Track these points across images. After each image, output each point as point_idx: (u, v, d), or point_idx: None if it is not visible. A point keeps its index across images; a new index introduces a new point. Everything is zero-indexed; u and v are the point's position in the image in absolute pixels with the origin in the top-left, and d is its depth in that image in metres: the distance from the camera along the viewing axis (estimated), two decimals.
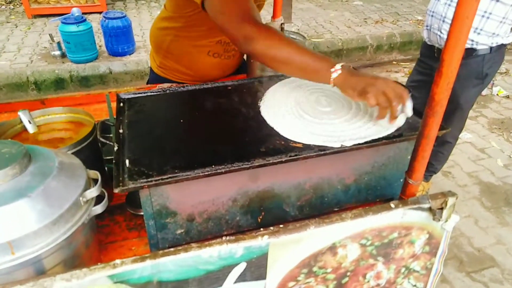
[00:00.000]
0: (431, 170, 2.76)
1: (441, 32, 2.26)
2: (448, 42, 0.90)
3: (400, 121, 1.16)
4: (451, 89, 0.95)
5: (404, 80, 4.12)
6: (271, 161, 1.03)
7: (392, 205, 1.01)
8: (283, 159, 1.04)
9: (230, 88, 1.45)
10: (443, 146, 2.61)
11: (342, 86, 1.13)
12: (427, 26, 2.36)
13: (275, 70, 1.24)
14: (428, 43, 2.42)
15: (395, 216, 1.02)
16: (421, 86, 2.49)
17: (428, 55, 2.49)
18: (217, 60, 1.66)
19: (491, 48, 2.22)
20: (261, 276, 0.97)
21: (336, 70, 1.11)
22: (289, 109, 1.25)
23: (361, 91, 1.10)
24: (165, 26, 1.62)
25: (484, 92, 4.43)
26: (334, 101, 1.31)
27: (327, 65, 1.13)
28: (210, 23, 1.31)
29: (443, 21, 2.22)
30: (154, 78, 1.77)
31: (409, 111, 1.13)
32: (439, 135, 1.08)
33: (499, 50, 2.26)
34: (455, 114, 2.40)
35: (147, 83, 1.87)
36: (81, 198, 0.90)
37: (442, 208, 1.04)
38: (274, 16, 2.10)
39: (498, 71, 4.87)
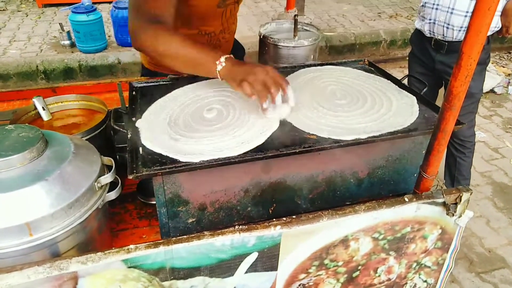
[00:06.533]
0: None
1: (448, 24, 2.25)
2: (468, 34, 0.88)
3: (284, 112, 1.14)
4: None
5: None
6: (284, 152, 1.03)
7: (406, 199, 1.00)
8: (297, 150, 1.03)
9: None
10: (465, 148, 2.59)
11: (226, 78, 1.12)
12: (430, 19, 2.34)
13: (168, 66, 1.22)
14: (428, 35, 2.40)
15: (408, 210, 1.01)
16: (424, 77, 2.49)
17: (423, 46, 2.49)
18: None
19: (488, 37, 2.32)
20: (273, 267, 0.97)
21: (220, 63, 1.11)
22: (304, 101, 1.24)
23: (241, 80, 1.08)
24: None
25: (499, 91, 4.37)
26: (349, 93, 1.29)
27: (212, 58, 1.12)
28: (182, 14, 1.33)
29: (451, 13, 2.22)
30: (147, 73, 1.76)
31: (291, 101, 1.13)
32: (455, 130, 1.06)
33: (491, 37, 2.40)
34: (469, 104, 2.40)
35: None
36: (95, 184, 0.91)
37: (456, 203, 1.03)
38: (287, 7, 2.09)
39: None
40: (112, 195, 0.98)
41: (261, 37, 1.81)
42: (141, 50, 1.26)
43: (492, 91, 4.38)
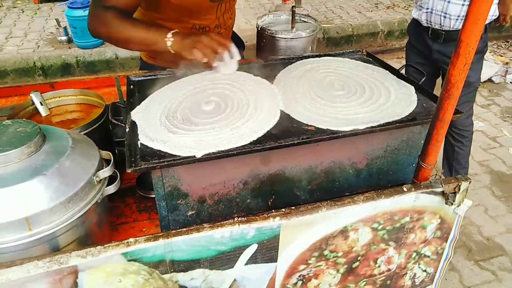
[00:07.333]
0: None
1: (445, 13, 2.24)
2: (466, 22, 0.88)
3: (233, 67, 1.33)
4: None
5: None
6: (283, 144, 1.03)
7: (405, 189, 1.00)
8: (295, 142, 1.03)
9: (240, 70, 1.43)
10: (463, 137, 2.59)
11: (178, 50, 1.24)
12: (427, 9, 2.33)
13: (126, 49, 1.35)
14: (425, 24, 2.39)
15: (407, 200, 1.01)
16: (421, 66, 2.48)
17: (420, 35, 2.48)
18: None
19: (485, 26, 2.31)
20: (272, 258, 0.98)
21: (169, 39, 1.23)
22: (302, 92, 1.24)
23: (191, 48, 1.21)
24: (141, 12, 1.61)
25: (497, 80, 4.36)
26: (347, 84, 1.29)
27: (161, 37, 1.24)
28: (174, 8, 1.40)
29: (449, 2, 2.22)
30: (145, 67, 1.76)
31: (236, 55, 1.30)
32: (453, 119, 1.06)
33: (488, 26, 2.38)
34: (466, 94, 2.40)
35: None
36: (94, 178, 0.91)
37: (455, 193, 1.03)
38: None
39: None
40: (111, 189, 0.98)
41: (259, 29, 1.80)
42: (97, 37, 1.34)
43: (490, 80, 4.37)
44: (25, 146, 0.84)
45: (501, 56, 4.99)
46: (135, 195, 1.30)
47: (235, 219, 0.89)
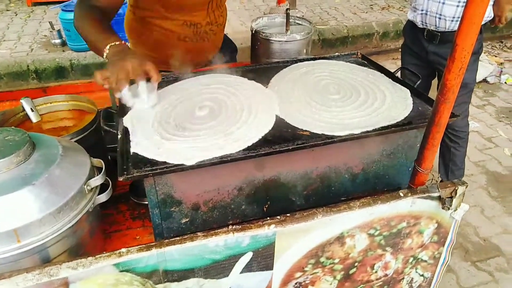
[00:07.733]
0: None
1: (440, 14, 2.24)
2: (462, 25, 0.87)
3: (137, 104, 1.14)
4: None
5: None
6: (277, 149, 1.01)
7: (401, 194, 0.99)
8: (290, 147, 1.02)
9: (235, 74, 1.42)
10: (459, 138, 2.59)
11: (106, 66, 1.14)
12: (422, 10, 2.33)
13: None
14: (420, 26, 2.39)
15: (404, 205, 1.00)
16: (417, 68, 2.47)
17: (416, 37, 2.48)
18: (190, 44, 1.61)
19: (480, 27, 2.28)
20: (268, 266, 0.96)
21: (105, 50, 1.16)
22: (296, 96, 1.23)
23: (107, 68, 1.11)
24: (132, 11, 1.61)
25: (492, 80, 4.37)
26: (343, 88, 1.28)
27: (103, 45, 1.17)
28: (166, 4, 1.36)
29: (443, 3, 2.21)
30: None
31: (142, 97, 1.12)
32: (449, 123, 1.05)
33: (483, 27, 2.35)
34: (462, 95, 2.39)
35: None
36: (85, 186, 0.89)
37: (451, 197, 1.03)
38: (279, 1, 2.06)
39: (507, 58, 4.75)
40: (103, 197, 0.96)
41: (253, 32, 1.79)
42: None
43: (484, 80, 4.39)
44: (14, 155, 0.82)
45: (496, 56, 5.01)
46: (128, 201, 1.28)
47: (230, 227, 0.88)
